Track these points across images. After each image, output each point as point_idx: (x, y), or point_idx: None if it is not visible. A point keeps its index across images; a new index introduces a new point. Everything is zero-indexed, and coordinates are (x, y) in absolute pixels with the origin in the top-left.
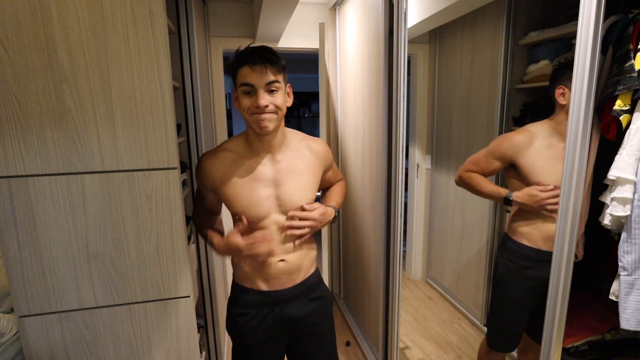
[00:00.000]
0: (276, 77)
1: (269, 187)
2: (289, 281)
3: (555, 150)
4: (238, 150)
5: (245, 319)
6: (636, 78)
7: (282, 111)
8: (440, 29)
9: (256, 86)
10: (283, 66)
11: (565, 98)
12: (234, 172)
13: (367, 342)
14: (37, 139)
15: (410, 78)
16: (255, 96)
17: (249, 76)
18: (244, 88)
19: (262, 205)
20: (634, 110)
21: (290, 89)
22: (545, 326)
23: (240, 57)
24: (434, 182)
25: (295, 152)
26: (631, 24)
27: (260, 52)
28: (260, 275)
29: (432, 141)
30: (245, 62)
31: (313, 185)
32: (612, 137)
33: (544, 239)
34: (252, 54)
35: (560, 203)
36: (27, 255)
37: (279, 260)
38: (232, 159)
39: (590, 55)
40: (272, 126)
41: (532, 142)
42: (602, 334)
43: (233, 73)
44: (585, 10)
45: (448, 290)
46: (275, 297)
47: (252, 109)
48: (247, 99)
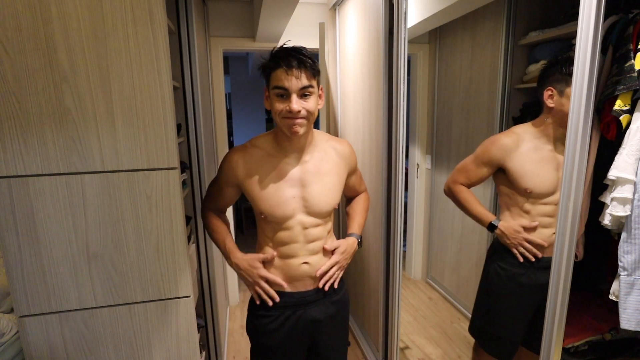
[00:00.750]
0: (310, 81)
1: (295, 187)
2: (312, 283)
3: (542, 154)
4: (266, 148)
5: (266, 320)
6: (636, 78)
7: (314, 116)
8: (440, 29)
9: (290, 90)
10: (318, 70)
11: (554, 100)
12: (261, 169)
13: (367, 342)
14: (37, 139)
15: (410, 78)
16: (288, 100)
17: (283, 80)
18: (277, 91)
19: (288, 205)
20: (634, 110)
21: (322, 91)
22: (545, 326)
23: (276, 58)
24: (434, 182)
25: (322, 152)
26: (631, 24)
27: (297, 55)
28: (283, 277)
29: (432, 141)
30: (281, 65)
31: (338, 186)
32: (612, 137)
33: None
34: (289, 57)
35: (560, 203)
36: (27, 255)
37: (303, 262)
38: (260, 156)
39: (590, 55)
40: (302, 131)
41: (519, 144)
42: (602, 334)
43: (267, 73)
44: (585, 10)
45: (448, 290)
46: (298, 299)
47: (284, 113)
48: (280, 102)
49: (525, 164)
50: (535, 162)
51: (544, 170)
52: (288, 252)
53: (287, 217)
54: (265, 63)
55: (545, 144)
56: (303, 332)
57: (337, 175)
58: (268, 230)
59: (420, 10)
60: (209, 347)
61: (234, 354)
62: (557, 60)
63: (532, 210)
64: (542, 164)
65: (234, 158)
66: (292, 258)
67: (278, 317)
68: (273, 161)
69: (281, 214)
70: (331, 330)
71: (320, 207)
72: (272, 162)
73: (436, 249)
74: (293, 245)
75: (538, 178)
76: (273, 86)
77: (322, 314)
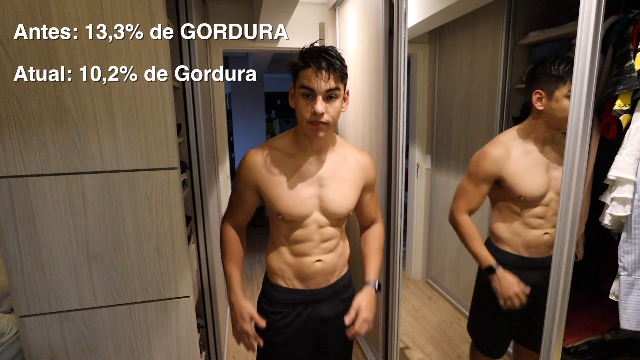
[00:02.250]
0: (337, 84)
1: (313, 186)
2: (324, 281)
3: (532, 157)
4: (285, 148)
5: (277, 317)
6: (636, 78)
7: (336, 119)
8: (440, 29)
9: (316, 92)
10: (346, 73)
11: (543, 103)
12: (279, 170)
13: (367, 342)
14: (37, 139)
15: (410, 78)
16: (313, 101)
17: (311, 80)
18: (303, 90)
19: (306, 205)
20: (634, 110)
21: (348, 94)
22: (545, 326)
23: (306, 58)
24: (434, 182)
25: (341, 157)
26: (631, 24)
27: (327, 57)
28: (296, 275)
29: (432, 141)
30: (310, 64)
31: (353, 194)
32: (612, 137)
33: (525, 245)
34: (319, 57)
35: (560, 203)
36: (27, 255)
37: (316, 260)
38: (278, 157)
39: (590, 55)
40: (324, 134)
41: (509, 152)
42: (602, 334)
43: (295, 71)
44: (585, 10)
45: (448, 290)
46: (310, 297)
47: (309, 118)
48: (305, 101)
49: (519, 171)
50: (527, 168)
51: (536, 175)
52: (303, 250)
53: (305, 216)
54: (295, 61)
55: (534, 147)
56: (312, 329)
57: (354, 183)
58: (284, 229)
59: (420, 10)
60: (209, 347)
61: (234, 354)
62: (544, 61)
63: (523, 212)
64: (534, 168)
65: (252, 160)
66: (306, 256)
67: (289, 314)
68: (292, 161)
69: (299, 213)
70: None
71: (334, 209)
72: (291, 162)
73: (436, 249)
74: (308, 244)
75: (532, 184)
76: (300, 85)
77: (331, 312)
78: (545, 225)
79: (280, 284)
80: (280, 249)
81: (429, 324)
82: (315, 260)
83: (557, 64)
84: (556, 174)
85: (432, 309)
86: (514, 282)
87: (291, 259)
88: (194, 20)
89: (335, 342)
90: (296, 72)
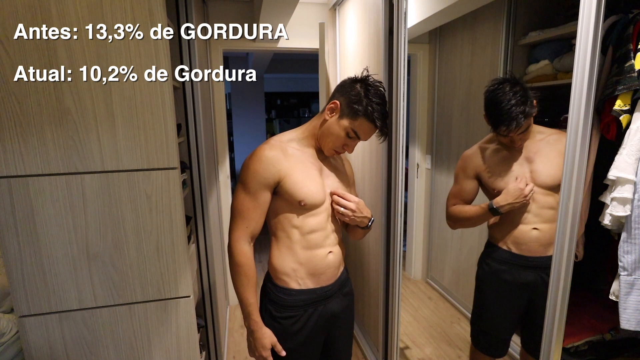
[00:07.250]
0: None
1: (322, 176)
2: (333, 276)
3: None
4: (292, 143)
5: (290, 322)
6: (636, 78)
7: None
8: (440, 29)
9: (361, 141)
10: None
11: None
12: (296, 160)
13: (367, 342)
14: (37, 139)
15: (410, 78)
16: (353, 144)
17: (367, 134)
18: (352, 133)
19: (321, 192)
20: (634, 110)
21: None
22: (545, 326)
23: (373, 113)
24: (434, 182)
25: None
26: (631, 24)
27: (387, 119)
28: (308, 272)
29: (432, 141)
30: (375, 121)
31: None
32: (612, 137)
33: (515, 242)
34: (384, 118)
35: (560, 203)
36: (27, 255)
37: (329, 252)
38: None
39: (590, 55)
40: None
41: (483, 152)
42: (602, 334)
43: (354, 111)
44: (585, 10)
45: (448, 290)
46: (320, 295)
47: (339, 149)
48: (345, 138)
49: (491, 167)
50: (497, 164)
51: (505, 169)
52: (317, 240)
53: (321, 204)
54: (363, 105)
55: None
56: (323, 327)
57: (348, 177)
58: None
59: (420, 10)
60: (209, 347)
61: (234, 354)
62: (499, 82)
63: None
64: (504, 163)
65: (270, 153)
66: (319, 248)
67: (301, 316)
68: (300, 153)
69: (318, 200)
70: (343, 324)
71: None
72: (300, 154)
73: (436, 249)
74: (321, 233)
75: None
76: (354, 128)
77: (338, 307)
78: (533, 220)
79: (291, 286)
80: (292, 246)
81: (429, 324)
82: (327, 252)
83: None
84: (535, 166)
85: (432, 309)
86: (517, 188)
87: (304, 254)
88: (194, 20)
89: (342, 336)
90: (356, 114)
